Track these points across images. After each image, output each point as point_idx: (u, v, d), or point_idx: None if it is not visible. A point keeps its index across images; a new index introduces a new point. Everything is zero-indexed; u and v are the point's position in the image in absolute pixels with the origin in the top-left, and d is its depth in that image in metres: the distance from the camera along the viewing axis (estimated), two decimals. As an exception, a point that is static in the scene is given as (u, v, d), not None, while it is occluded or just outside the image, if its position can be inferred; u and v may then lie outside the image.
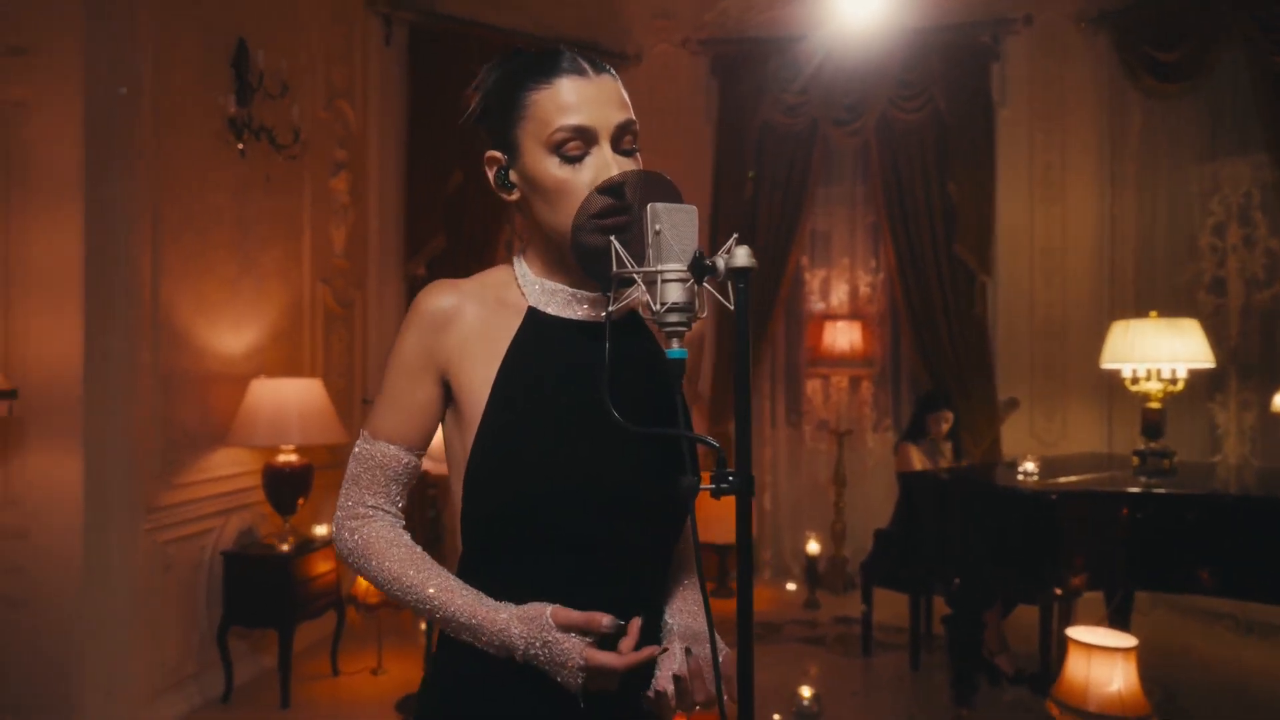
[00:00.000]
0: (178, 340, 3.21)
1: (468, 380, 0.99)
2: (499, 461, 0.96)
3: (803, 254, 5.24)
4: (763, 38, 5.10)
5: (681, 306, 0.79)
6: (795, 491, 5.34)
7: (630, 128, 0.98)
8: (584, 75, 0.96)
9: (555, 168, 0.95)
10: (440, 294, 1.01)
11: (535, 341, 1.00)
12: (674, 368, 0.82)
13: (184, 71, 3.21)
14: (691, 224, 0.82)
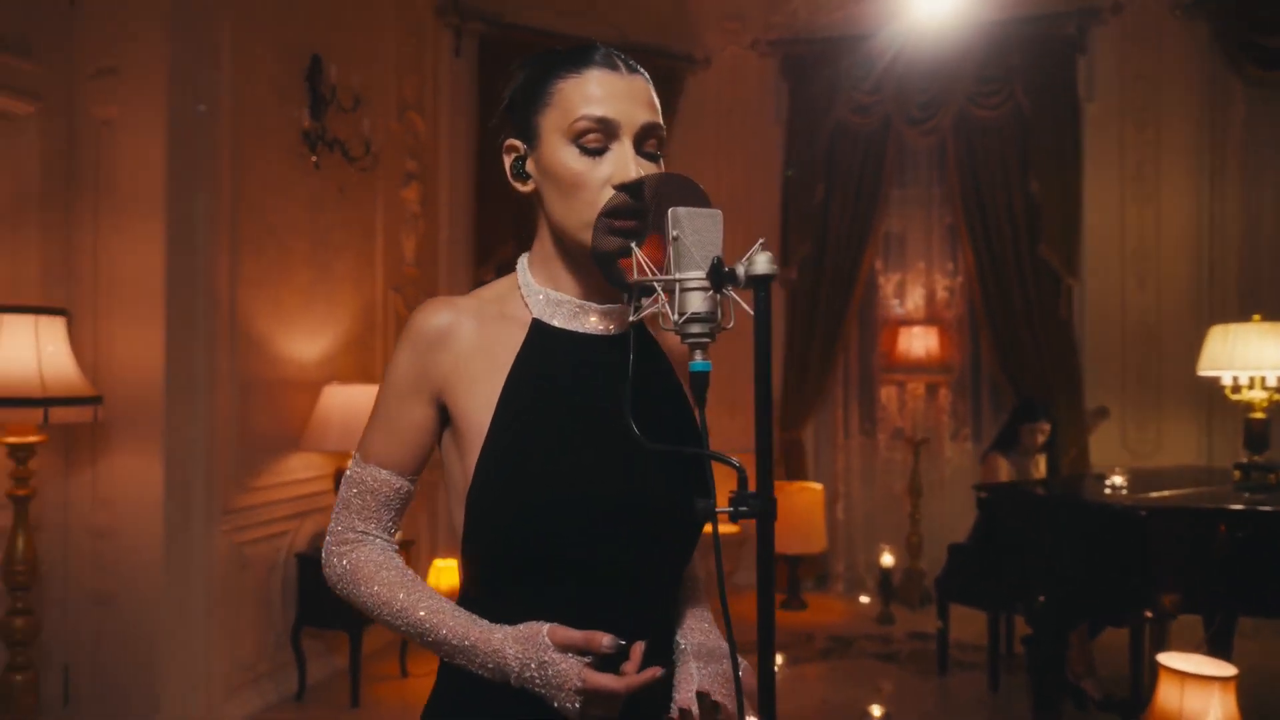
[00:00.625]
0: (254, 348, 3.31)
1: (467, 401, 0.94)
2: (503, 485, 0.91)
3: (876, 257, 5.10)
4: (833, 37, 4.99)
5: (704, 317, 0.75)
6: (869, 502, 5.19)
7: (656, 131, 0.94)
8: (615, 70, 0.93)
9: (573, 158, 0.91)
10: (434, 312, 0.96)
11: (541, 356, 0.95)
12: (697, 381, 0.78)
13: (261, 88, 3.32)
14: (715, 229, 0.78)
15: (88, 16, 2.97)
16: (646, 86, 0.94)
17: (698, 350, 0.77)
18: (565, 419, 0.93)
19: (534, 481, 0.90)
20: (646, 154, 0.93)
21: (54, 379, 2.49)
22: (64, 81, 2.95)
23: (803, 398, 5.07)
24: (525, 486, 0.90)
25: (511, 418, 0.92)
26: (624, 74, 0.93)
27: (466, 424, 0.94)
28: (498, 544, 0.92)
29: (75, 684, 2.97)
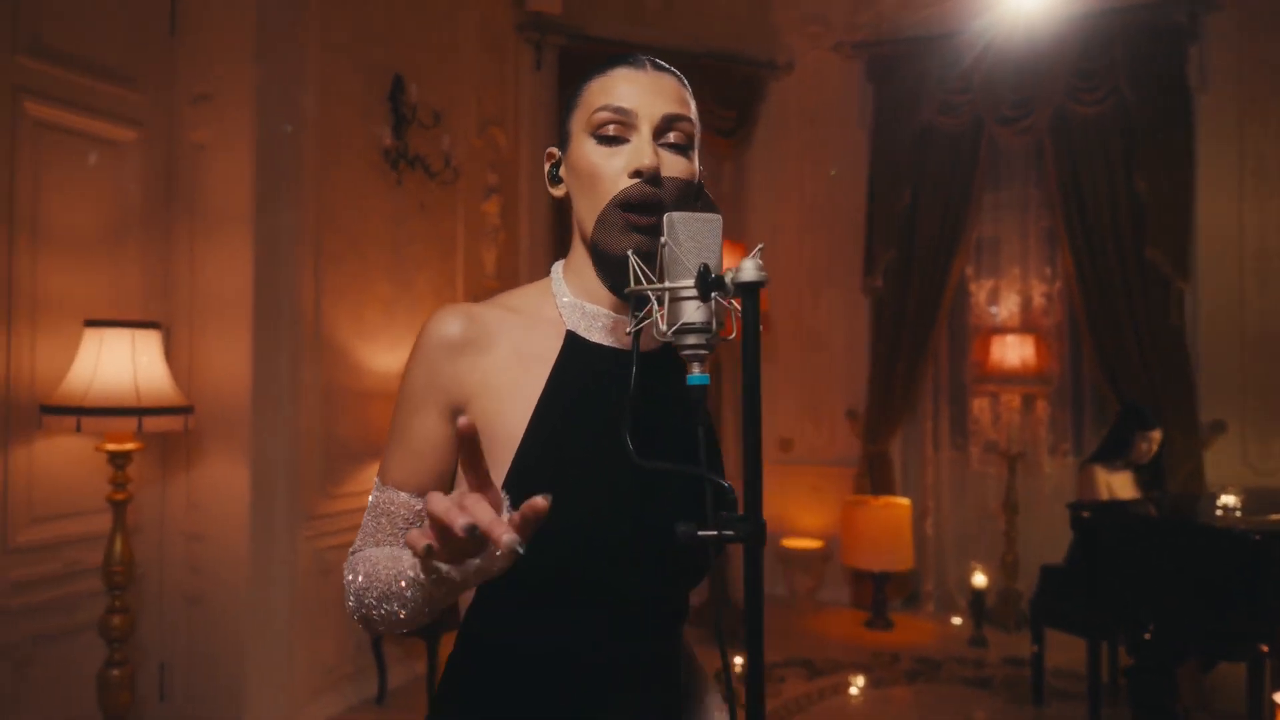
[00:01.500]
0: (337, 358, 3.42)
1: (497, 410, 0.90)
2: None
3: (967, 263, 4.89)
4: (919, 36, 4.83)
5: (698, 327, 0.70)
6: (960, 518, 4.96)
7: (680, 123, 0.89)
8: (641, 68, 0.91)
9: (591, 149, 0.89)
10: (447, 319, 0.91)
11: (576, 373, 0.91)
12: (693, 395, 0.73)
13: (344, 108, 3.43)
14: (712, 235, 0.73)
15: (186, 46, 3.14)
16: (675, 83, 0.92)
17: (694, 363, 0.72)
18: (597, 440, 0.89)
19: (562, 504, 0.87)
20: (672, 145, 0.89)
21: (148, 390, 2.63)
22: (164, 108, 3.12)
23: (889, 410, 4.90)
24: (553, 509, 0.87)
25: (545, 435, 0.89)
26: (649, 71, 0.90)
27: (494, 434, 0.90)
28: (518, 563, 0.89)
29: (170, 680, 3.12)
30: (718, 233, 0.73)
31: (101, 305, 2.90)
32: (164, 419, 2.65)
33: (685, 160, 0.90)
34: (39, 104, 2.71)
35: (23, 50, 2.66)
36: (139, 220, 3.04)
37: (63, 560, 2.78)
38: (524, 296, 0.99)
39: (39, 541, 2.72)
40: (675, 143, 0.89)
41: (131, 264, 3.02)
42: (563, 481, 0.87)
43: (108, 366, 2.58)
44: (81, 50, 2.84)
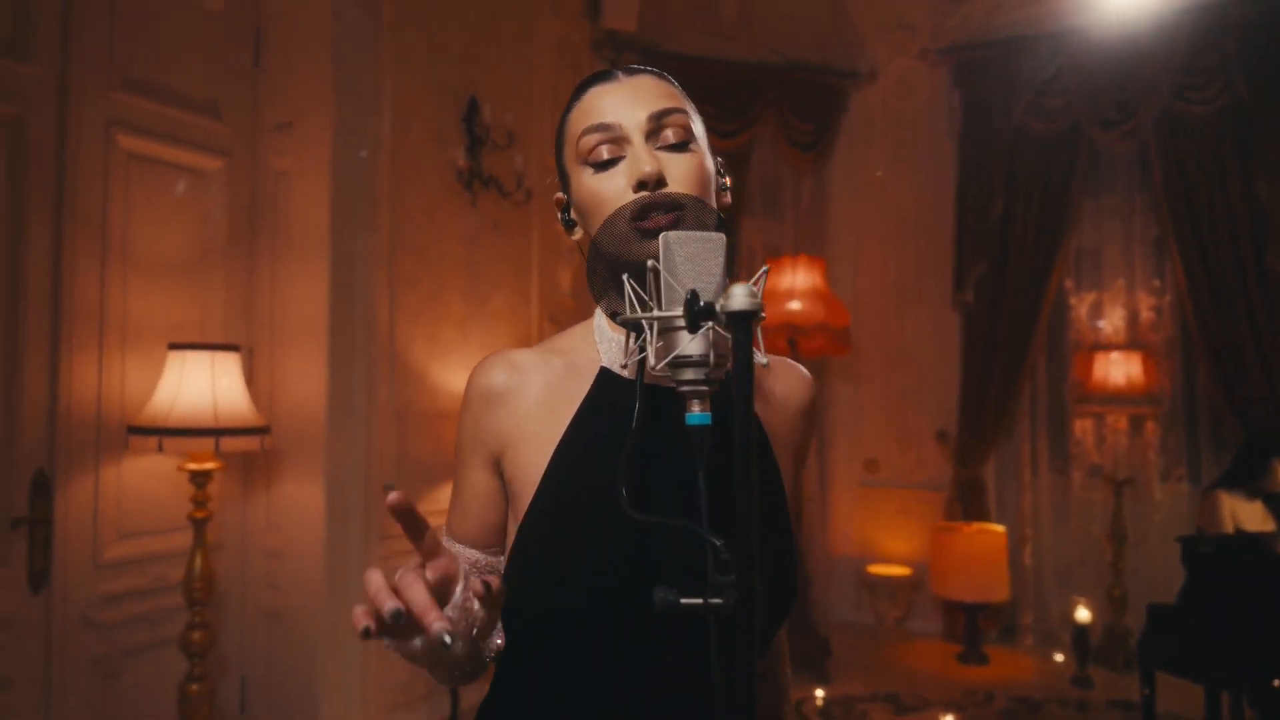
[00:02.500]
0: (412, 378, 3.45)
1: (520, 462, 0.86)
2: (541, 557, 0.81)
3: (1066, 275, 4.61)
4: (1009, 37, 4.60)
5: (695, 360, 0.63)
6: (1062, 548, 4.65)
7: (670, 116, 0.82)
8: (612, 80, 0.85)
9: (588, 178, 0.83)
10: (489, 369, 0.89)
11: (604, 411, 0.85)
12: (692, 437, 0.65)
13: (419, 131, 3.49)
14: (713, 256, 0.65)
15: (269, 76, 3.25)
16: (654, 80, 0.85)
17: (693, 400, 0.64)
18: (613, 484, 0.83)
19: (572, 557, 0.80)
20: (669, 146, 0.82)
21: (226, 410, 2.70)
22: (248, 137, 3.23)
23: (982, 431, 4.65)
24: (563, 562, 0.80)
25: (560, 482, 0.83)
26: (622, 79, 0.84)
27: (521, 483, 0.86)
28: (530, 624, 0.82)
29: (251, 693, 3.19)
30: (719, 254, 0.66)
31: (188, 328, 3.00)
32: (241, 439, 2.71)
33: (690, 155, 0.82)
34: (131, 136, 2.84)
35: (117, 86, 2.79)
36: (223, 246, 3.15)
37: (149, 575, 2.88)
38: (571, 337, 0.94)
39: (127, 557, 2.82)
40: (675, 142, 0.82)
41: (216, 288, 3.13)
42: (573, 529, 0.80)
43: (188, 388, 2.66)
44: (171, 84, 2.96)
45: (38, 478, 2.58)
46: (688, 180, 0.81)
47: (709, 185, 0.85)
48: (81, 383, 2.68)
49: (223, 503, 3.10)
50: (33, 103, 2.57)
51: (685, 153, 0.82)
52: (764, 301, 2.67)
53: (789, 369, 1.01)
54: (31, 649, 2.56)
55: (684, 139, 0.83)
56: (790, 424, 0.96)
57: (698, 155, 0.83)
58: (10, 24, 2.52)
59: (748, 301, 0.57)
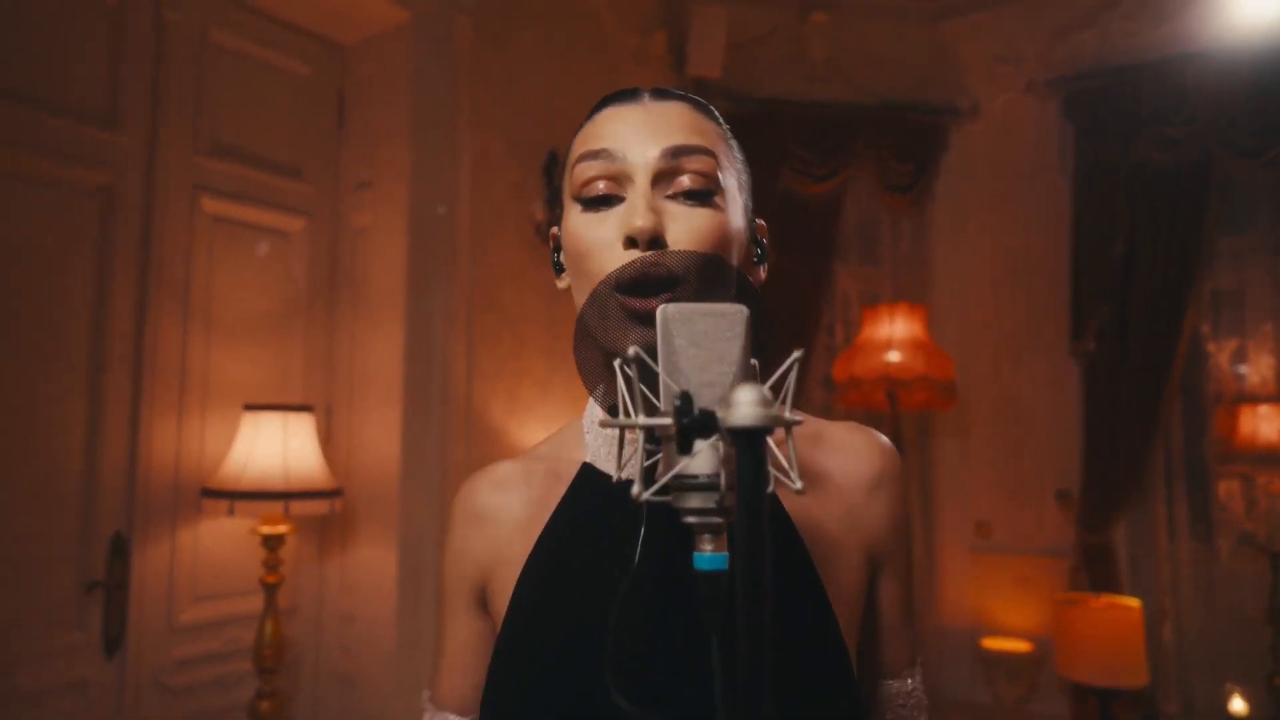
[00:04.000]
0: (491, 438, 3.35)
1: (501, 591, 0.72)
2: (507, 689, 0.66)
3: (1201, 320, 4.16)
4: (1127, 64, 4.25)
5: (701, 483, 0.45)
6: (1209, 626, 4.13)
7: (689, 157, 0.64)
8: (633, 102, 0.68)
9: (576, 220, 0.68)
10: (471, 491, 0.78)
11: (581, 514, 0.70)
12: (702, 588, 0.47)
13: (497, 185, 3.44)
14: (728, 338, 0.48)
15: (351, 137, 3.27)
16: (682, 109, 0.67)
17: (702, 537, 0.46)
18: (593, 604, 0.66)
19: (541, 686, 0.64)
20: (685, 195, 0.64)
21: (297, 473, 2.65)
22: (329, 197, 3.25)
23: (1110, 492, 4.20)
24: (530, 693, 0.64)
25: (530, 602, 0.68)
26: (645, 103, 0.67)
27: (494, 613, 0.73)
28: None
29: (323, 764, 3.09)
30: (737, 334, 0.48)
31: (267, 388, 3.00)
32: (311, 503, 2.65)
33: (708, 211, 0.64)
34: (215, 199, 2.88)
35: (203, 151, 2.85)
36: (304, 304, 3.15)
37: (223, 639, 2.84)
38: (558, 436, 0.81)
39: (201, 620, 2.79)
40: (691, 189, 0.64)
41: (296, 347, 3.12)
42: (541, 663, 0.65)
43: (261, 450, 2.63)
44: (256, 148, 3.01)
45: (115, 540, 2.58)
46: (696, 242, 0.63)
47: (729, 246, 0.66)
48: (160, 444, 2.69)
49: (296, 565, 3.05)
50: (122, 170, 2.64)
51: (703, 206, 0.64)
52: (857, 354, 2.38)
53: (853, 436, 0.80)
54: (103, 714, 2.54)
55: (704, 188, 0.65)
56: (853, 508, 0.75)
57: (719, 214, 0.65)
58: (102, 96, 2.60)
59: (755, 414, 0.39)
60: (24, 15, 2.42)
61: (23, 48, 2.42)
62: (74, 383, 2.51)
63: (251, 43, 2.99)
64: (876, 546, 0.78)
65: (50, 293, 2.48)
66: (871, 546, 0.78)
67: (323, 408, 3.15)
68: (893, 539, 0.81)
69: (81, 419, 2.52)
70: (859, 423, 0.82)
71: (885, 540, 0.80)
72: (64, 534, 2.48)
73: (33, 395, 2.42)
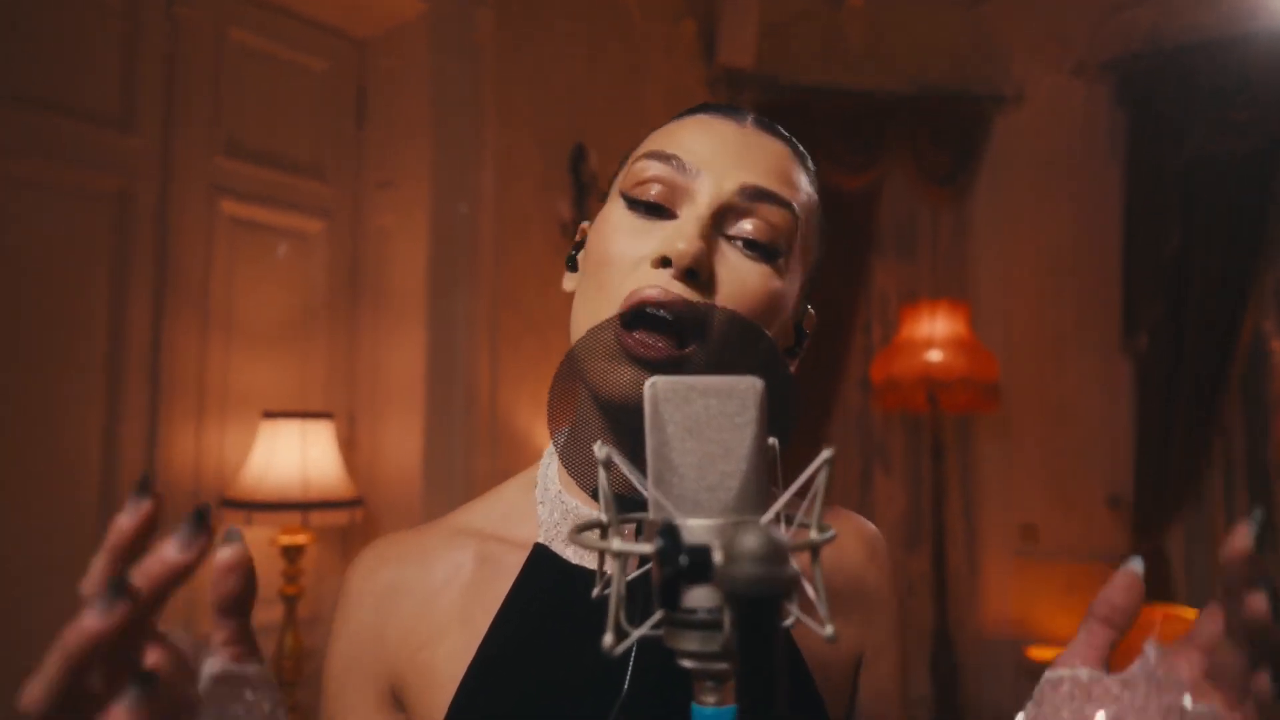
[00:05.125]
0: (516, 443, 3.26)
1: (429, 689, 0.59)
2: None
3: (1263, 317, 3.94)
4: (1183, 45, 4.03)
5: (702, 619, 0.34)
6: (1272, 637, 3.91)
7: (768, 206, 0.54)
8: (731, 119, 0.58)
9: (616, 218, 0.57)
10: (370, 564, 0.63)
11: (532, 617, 0.58)
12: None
13: (524, 182, 3.34)
14: (733, 425, 0.36)
15: (372, 135, 3.19)
16: (780, 150, 0.57)
17: (703, 687, 0.35)
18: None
19: None
20: (744, 243, 0.53)
21: (316, 482, 2.58)
22: (350, 197, 3.18)
23: (1164, 497, 4.01)
24: None
25: (479, 711, 0.56)
26: (746, 126, 0.56)
27: (416, 714, 0.60)
28: None
29: (346, 776, 3.04)
30: (748, 419, 0.36)
31: (286, 395, 2.94)
32: (330, 513, 2.59)
33: (767, 270, 0.54)
34: (234, 201, 2.82)
35: (219, 152, 2.79)
36: (324, 308, 3.08)
37: (244, 650, 2.79)
38: (490, 506, 0.68)
39: (222, 631, 2.74)
40: (756, 240, 0.54)
41: (317, 352, 3.06)
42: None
43: (279, 459, 2.56)
44: (274, 147, 2.94)
45: (133, 551, 2.54)
46: (742, 298, 0.52)
47: (772, 321, 0.55)
48: (180, 454, 2.64)
49: (318, 576, 2.99)
50: (138, 174, 2.58)
51: (761, 263, 0.54)
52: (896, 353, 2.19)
53: (837, 526, 0.69)
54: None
55: (770, 241, 0.55)
56: (845, 611, 0.64)
57: (777, 279, 0.55)
58: (116, 98, 2.54)
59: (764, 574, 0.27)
60: (33, 17, 2.37)
61: (33, 51, 2.37)
62: (91, 390, 2.47)
63: (266, 38, 2.92)
64: (866, 642, 0.70)
65: (66, 299, 2.43)
66: (861, 645, 0.70)
67: (344, 414, 3.08)
68: (883, 630, 0.72)
69: (99, 427, 2.48)
70: (840, 506, 0.71)
71: (876, 634, 0.71)
72: (83, 544, 2.44)
73: (50, 403, 2.38)
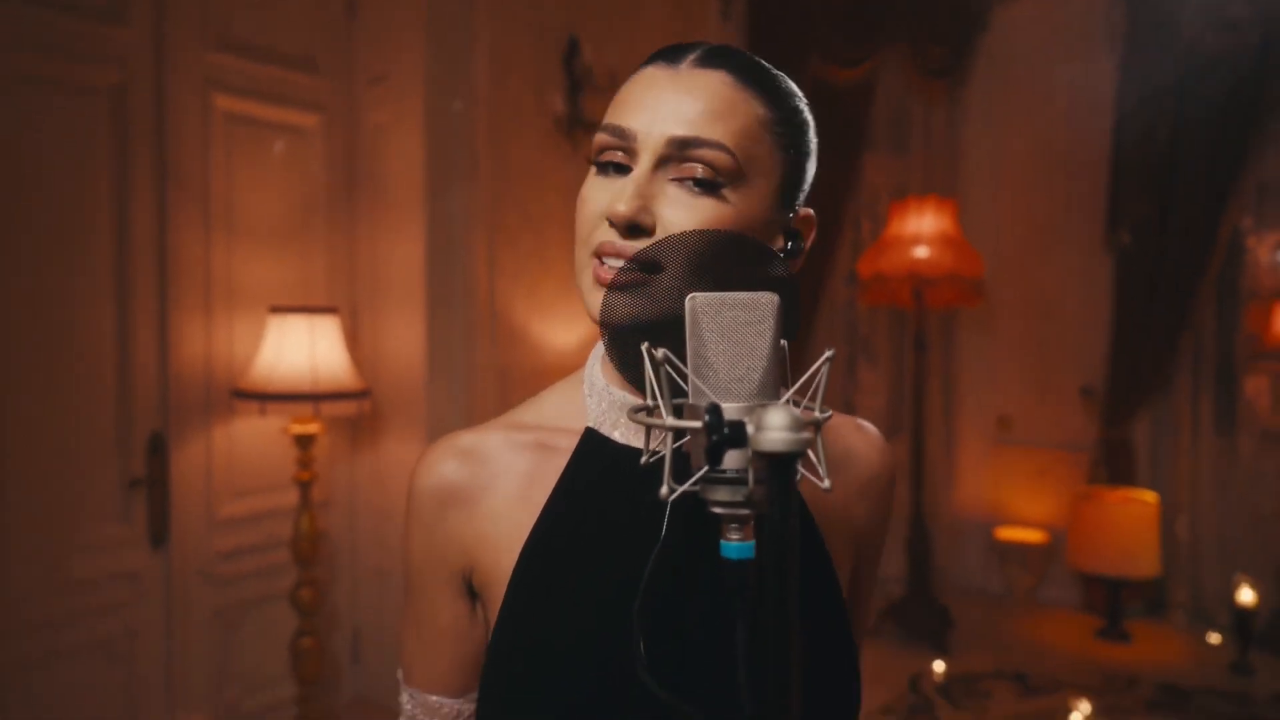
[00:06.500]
0: (513, 337, 3.37)
1: (496, 571, 0.69)
2: (511, 682, 0.66)
3: (1244, 214, 4.03)
4: (1189, -64, 3.96)
5: (732, 477, 0.44)
6: (1224, 520, 4.18)
7: (698, 150, 0.62)
8: (672, 64, 0.64)
9: (587, 183, 0.68)
10: (436, 465, 0.71)
11: (587, 488, 0.68)
12: (728, 574, 0.47)
13: (517, 78, 3.32)
14: (758, 330, 0.46)
15: (363, 28, 3.15)
16: (719, 86, 0.63)
17: (729, 527, 0.46)
18: (607, 584, 0.65)
19: (545, 681, 0.64)
20: (690, 181, 0.62)
21: (325, 375, 2.69)
22: (344, 92, 3.16)
23: (1134, 388, 4.19)
24: (538, 675, 0.65)
25: (533, 581, 0.67)
26: (683, 69, 0.63)
27: (488, 598, 0.71)
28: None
29: (362, 645, 3.27)
30: (767, 325, 0.46)
31: (290, 290, 3.01)
32: (340, 404, 2.70)
33: (711, 202, 0.61)
34: (228, 96, 2.81)
35: (211, 46, 2.76)
36: (323, 205, 3.12)
37: (262, 532, 2.96)
38: (545, 402, 0.77)
39: (241, 515, 2.90)
40: (701, 178, 0.62)
41: (317, 248, 3.11)
42: (549, 643, 0.65)
43: (288, 353, 2.66)
44: (265, 40, 2.91)
45: (154, 440, 2.66)
46: (681, 229, 0.61)
47: None
48: (190, 346, 2.73)
49: (330, 461, 3.14)
50: (132, 68, 2.57)
51: (705, 197, 0.62)
52: (884, 249, 2.35)
53: (858, 437, 0.81)
54: (154, 602, 2.68)
55: (711, 179, 0.62)
56: (850, 505, 0.77)
57: (724, 206, 0.62)
58: (105, -11, 2.50)
59: (787, 439, 0.38)
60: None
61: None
62: (101, 286, 2.53)
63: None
64: (863, 540, 0.82)
65: (70, 195, 2.46)
66: (859, 540, 0.81)
67: (347, 309, 3.17)
68: (878, 536, 0.84)
69: (111, 322, 2.55)
70: (861, 420, 0.83)
71: (872, 536, 0.82)
72: (103, 433, 2.56)
73: (62, 299, 2.45)
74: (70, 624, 2.47)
